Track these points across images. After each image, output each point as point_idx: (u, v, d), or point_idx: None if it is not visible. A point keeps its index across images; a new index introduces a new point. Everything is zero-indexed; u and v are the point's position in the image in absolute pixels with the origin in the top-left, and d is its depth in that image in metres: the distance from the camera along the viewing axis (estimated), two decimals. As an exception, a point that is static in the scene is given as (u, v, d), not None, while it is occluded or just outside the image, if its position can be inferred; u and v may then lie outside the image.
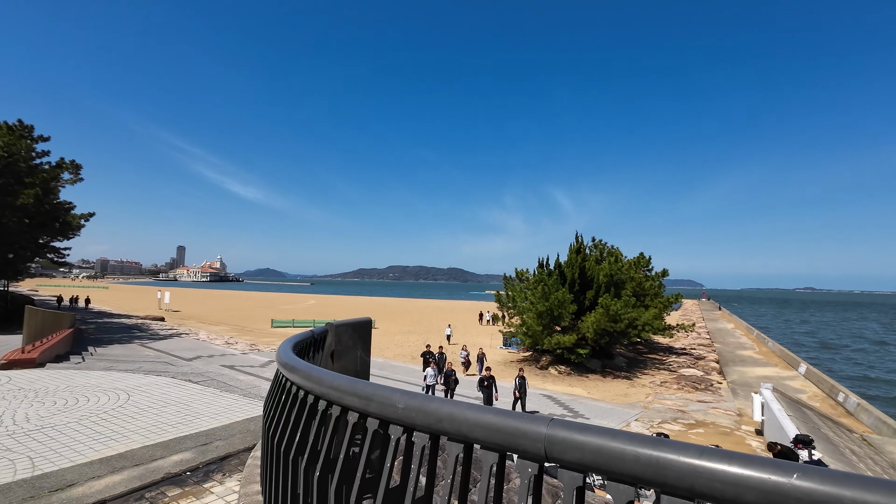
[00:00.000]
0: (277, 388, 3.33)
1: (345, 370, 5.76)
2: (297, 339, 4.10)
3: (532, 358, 25.56)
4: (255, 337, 30.67)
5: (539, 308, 22.92)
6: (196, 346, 22.61)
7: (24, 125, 28.79)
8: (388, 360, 23.63)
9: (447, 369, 15.35)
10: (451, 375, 15.07)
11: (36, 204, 26.08)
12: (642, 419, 14.79)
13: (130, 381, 8.59)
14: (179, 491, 4.03)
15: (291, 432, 2.75)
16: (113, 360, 13.59)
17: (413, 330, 39.56)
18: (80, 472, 4.31)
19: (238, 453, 4.86)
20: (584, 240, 26.47)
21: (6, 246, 27.21)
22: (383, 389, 2.15)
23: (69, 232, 32.39)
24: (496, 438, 1.63)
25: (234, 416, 6.36)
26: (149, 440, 5.22)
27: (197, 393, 7.79)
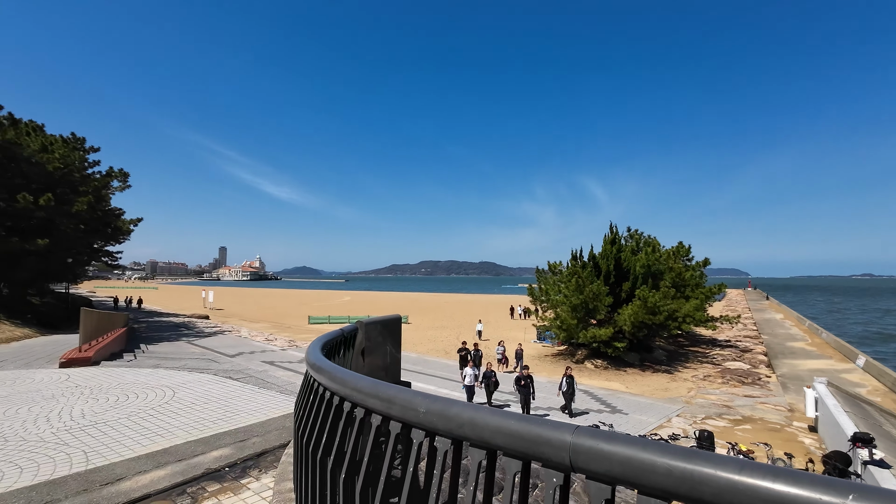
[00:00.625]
0: (306, 389, 3.37)
1: (375, 367, 5.81)
2: (327, 339, 4.14)
3: (567, 352, 25.13)
4: (293, 333, 31.62)
5: (573, 301, 22.48)
6: (238, 342, 23.53)
7: (77, 137, 30.66)
8: (421, 356, 23.82)
9: (486, 369, 14.88)
10: (491, 376, 14.54)
11: (89, 211, 27.76)
12: (684, 414, 14.26)
13: (176, 378, 9.01)
14: (218, 486, 4.17)
15: (319, 433, 2.77)
16: (161, 358, 14.32)
17: (445, 325, 39.71)
18: (128, 466, 4.53)
19: (273, 450, 4.98)
20: (618, 230, 25.73)
21: (65, 251, 29.12)
22: (405, 393, 2.11)
23: (120, 236, 34.34)
24: (518, 446, 1.56)
25: (270, 412, 6.54)
26: (191, 436, 5.44)
27: (237, 390, 8.07)
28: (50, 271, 30.01)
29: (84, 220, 28.19)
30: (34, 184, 25.61)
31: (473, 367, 15.27)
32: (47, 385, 8.31)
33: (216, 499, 3.94)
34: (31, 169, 25.80)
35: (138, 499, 3.90)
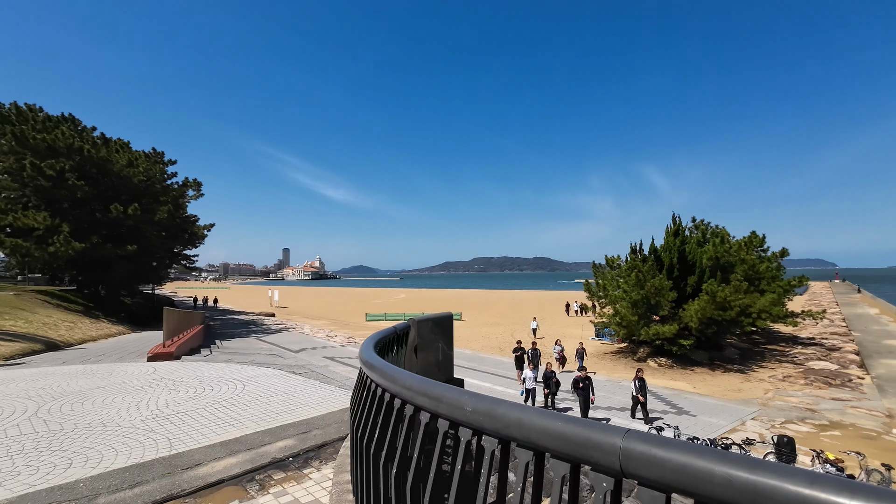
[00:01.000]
0: (360, 385, 3.49)
1: (428, 364, 5.89)
2: (380, 336, 4.25)
3: (628, 349, 24.12)
4: (351, 330, 32.81)
5: (633, 297, 21.51)
6: (301, 339, 24.80)
7: (157, 152, 33.61)
8: (476, 352, 23.85)
9: (546, 370, 14.21)
10: (551, 377, 13.81)
11: (169, 218, 30.39)
12: (760, 418, 13.21)
13: (246, 373, 9.66)
14: (283, 475, 4.43)
15: (371, 428, 2.85)
16: (233, 353, 15.41)
17: (499, 322, 39.46)
18: (205, 453, 4.93)
19: (333, 442, 5.21)
20: (682, 221, 24.26)
21: (150, 255, 32.10)
22: (452, 391, 2.13)
23: (196, 241, 37.30)
24: (566, 448, 1.51)
25: (330, 406, 6.84)
26: (259, 427, 5.81)
27: (299, 384, 8.51)
28: (138, 274, 33.25)
29: (165, 227, 30.91)
30: (123, 195, 28.43)
31: (533, 368, 14.65)
32: (137, 377, 9.22)
33: (281, 487, 4.18)
34: (121, 182, 28.65)
35: (214, 483, 4.23)
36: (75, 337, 17.98)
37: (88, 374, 9.55)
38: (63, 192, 26.58)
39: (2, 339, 14.33)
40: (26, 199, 27.76)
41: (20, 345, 14.03)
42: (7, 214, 25.70)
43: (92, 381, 8.73)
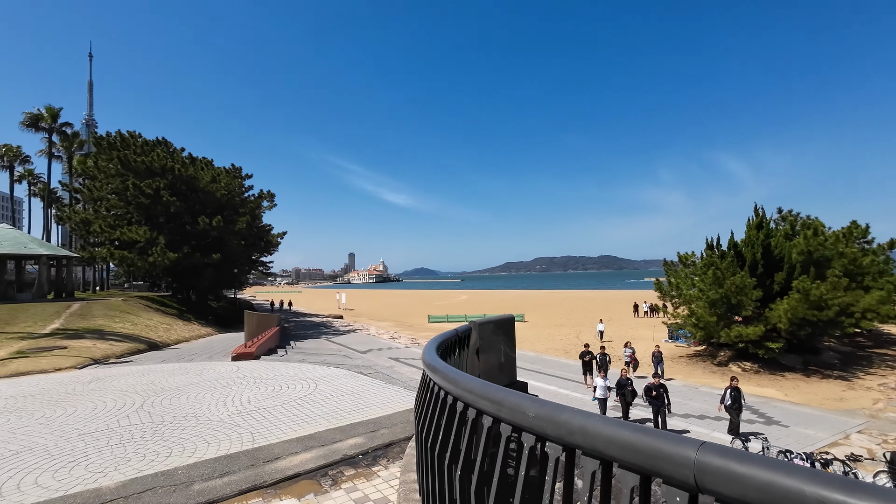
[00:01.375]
0: (423, 387, 3.56)
1: (490, 366, 5.88)
2: (442, 339, 4.31)
3: (706, 353, 22.44)
4: (414, 332, 33.51)
5: (711, 296, 19.99)
6: (367, 340, 25.74)
7: (236, 168, 36.50)
8: (539, 354, 23.39)
9: (621, 377, 12.89)
10: (626, 385, 12.53)
11: (247, 228, 32.88)
12: (869, 431, 11.72)
13: (318, 372, 10.21)
14: (354, 472, 4.63)
15: (435, 429, 2.90)
16: (306, 353, 16.34)
17: (563, 323, 38.38)
18: (283, 447, 5.28)
19: (399, 442, 5.36)
20: (765, 212, 22.18)
21: (232, 263, 34.90)
22: (514, 396, 2.11)
23: (271, 248, 40.01)
24: (634, 459, 1.45)
25: (396, 406, 7.04)
26: (331, 424, 6.12)
27: (367, 384, 8.85)
28: (222, 280, 36.28)
29: (244, 236, 33.49)
30: (208, 209, 31.21)
31: (604, 376, 13.43)
32: (224, 375, 10.07)
33: (352, 483, 4.37)
34: (206, 197, 31.48)
35: (291, 476, 4.52)
36: (172, 338, 20.00)
37: (183, 372, 10.58)
38: (159, 207, 29.72)
39: (114, 339, 16.30)
40: (130, 216, 31.37)
41: (128, 345, 15.87)
42: (115, 230, 29.22)
43: (186, 378, 9.67)
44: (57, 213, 37.01)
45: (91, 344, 14.84)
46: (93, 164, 32.72)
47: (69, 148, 42.69)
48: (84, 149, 42.82)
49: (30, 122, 40.78)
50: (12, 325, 16.85)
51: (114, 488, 4.29)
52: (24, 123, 40.73)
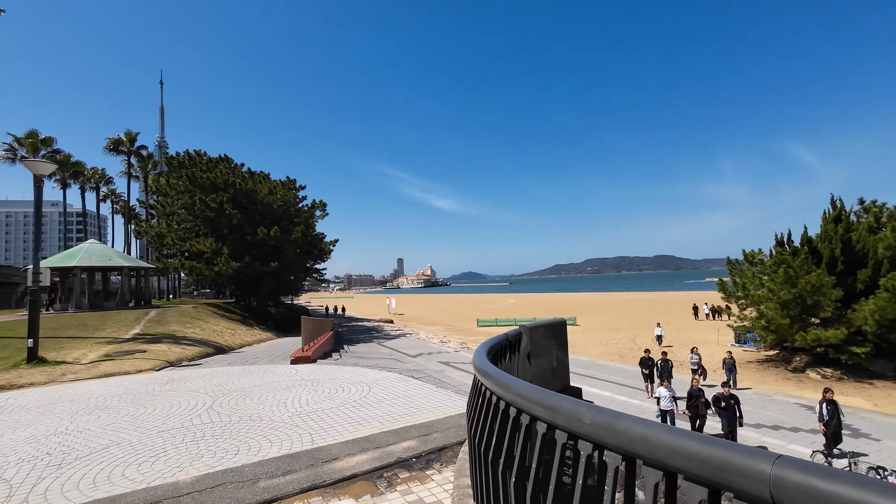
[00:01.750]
0: (475, 392, 3.56)
1: (542, 370, 5.77)
2: (492, 343, 4.29)
3: (779, 358, 20.78)
4: (464, 336, 33.52)
5: (783, 296, 18.51)
6: (417, 344, 26.07)
7: (290, 180, 38.33)
8: (593, 359, 22.65)
9: (693, 388, 11.65)
10: (698, 396, 11.29)
11: (302, 237, 34.37)
12: (980, 448, 10.34)
13: (370, 376, 10.46)
14: (408, 474, 4.70)
15: (488, 434, 2.89)
16: (359, 357, 16.80)
17: (618, 326, 36.95)
18: (340, 448, 5.45)
19: (452, 446, 5.37)
20: (843, 204, 20.27)
21: (288, 271, 36.59)
22: (568, 402, 2.07)
23: (324, 255, 41.57)
24: (701, 471, 1.37)
25: (447, 410, 7.07)
26: (385, 427, 6.25)
27: (418, 388, 8.96)
28: (280, 287, 38.14)
29: (299, 244, 35.05)
30: (266, 220, 32.97)
31: (669, 387, 12.25)
32: (283, 377, 10.57)
33: (406, 485, 4.44)
34: (264, 208, 33.29)
35: (349, 477, 4.65)
36: (236, 342, 21.27)
37: (247, 375, 11.21)
38: (223, 220, 31.80)
39: (186, 343, 17.59)
40: (197, 229, 33.78)
41: (198, 348, 17.05)
42: (185, 242, 31.57)
43: (250, 381, 10.24)
44: (135, 228, 40.60)
45: (166, 348, 16.09)
46: (165, 181, 35.63)
47: (145, 168, 46.77)
48: (157, 168, 46.72)
49: (112, 146, 45.09)
50: (101, 331, 18.62)
51: (189, 482, 4.61)
52: (107, 148, 45.10)
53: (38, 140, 36.17)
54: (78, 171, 44.22)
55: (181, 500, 4.24)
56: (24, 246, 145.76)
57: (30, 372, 11.58)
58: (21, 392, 9.87)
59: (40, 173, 13.53)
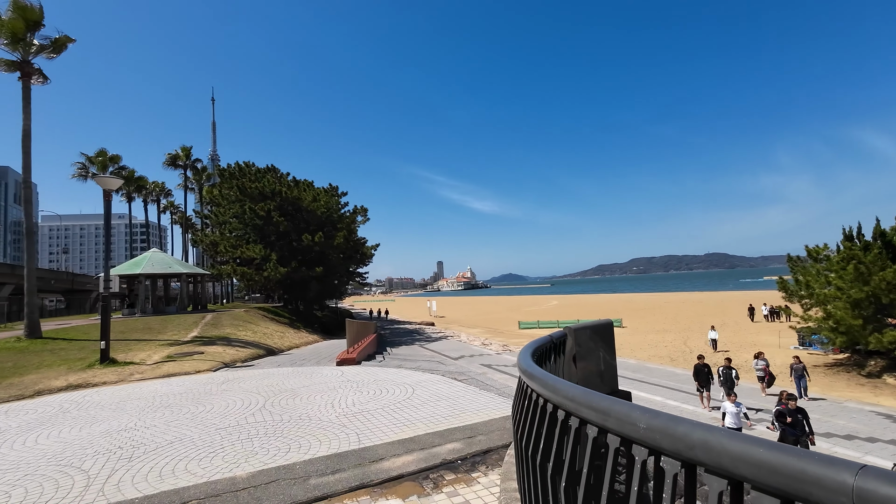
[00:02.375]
0: (520, 394, 3.51)
1: (589, 373, 5.61)
2: (537, 345, 4.22)
3: (850, 361, 19.19)
4: (505, 338, 33.20)
5: (853, 294, 17.10)
6: (459, 346, 26.06)
7: (333, 186, 39.45)
8: (641, 362, 21.79)
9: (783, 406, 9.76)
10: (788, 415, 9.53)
11: (345, 243, 35.27)
12: None
13: (414, 378, 10.57)
14: (453, 476, 4.70)
15: (536, 437, 2.84)
16: (402, 359, 17.02)
17: (668, 328, 35.38)
18: (386, 449, 5.54)
19: (497, 449, 5.32)
20: (923, 193, 18.47)
21: (332, 275, 37.65)
22: (621, 405, 1.99)
23: (366, 260, 42.45)
24: (772, 480, 1.28)
25: (491, 413, 7.02)
26: (429, 429, 6.28)
27: (461, 390, 8.95)
28: (325, 291, 39.29)
29: (342, 250, 35.99)
30: (311, 226, 34.11)
31: (735, 399, 10.70)
32: (330, 379, 10.87)
33: (452, 487, 4.44)
34: (309, 215, 34.47)
35: (395, 477, 4.71)
36: (285, 344, 22.11)
37: (296, 376, 11.62)
38: (271, 227, 33.21)
39: (239, 345, 18.49)
40: (248, 236, 35.45)
41: (250, 350, 17.87)
42: (237, 249, 33.22)
43: (299, 382, 10.61)
44: (192, 237, 43.21)
45: (222, 349, 16.96)
46: (217, 192, 37.70)
47: (199, 180, 49.69)
48: (211, 180, 49.48)
49: (170, 161, 48.26)
50: (163, 334, 19.91)
51: (245, 478, 4.83)
52: (165, 163, 48.32)
53: (106, 158, 39.25)
54: (141, 185, 47.58)
55: (239, 494, 4.45)
56: (96, 256, 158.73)
57: (102, 371, 12.55)
58: (96, 390, 10.70)
59: (109, 188, 14.66)
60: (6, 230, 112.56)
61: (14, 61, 18.40)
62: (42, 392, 10.50)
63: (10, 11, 17.78)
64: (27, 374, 12.22)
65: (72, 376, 11.94)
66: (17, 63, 18.41)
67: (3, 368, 12.98)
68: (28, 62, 18.56)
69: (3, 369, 12.87)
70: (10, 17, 17.80)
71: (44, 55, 19.01)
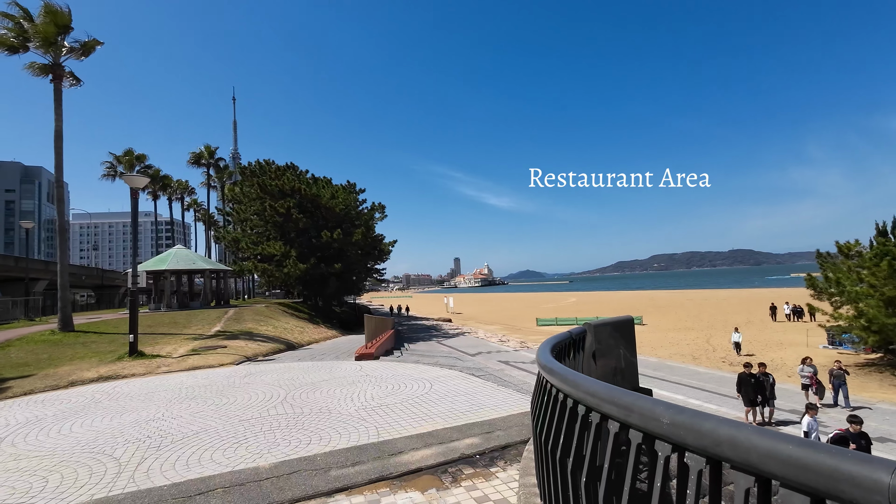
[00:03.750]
0: (539, 389, 3.49)
1: (609, 371, 5.54)
2: (556, 341, 4.19)
3: (884, 361, 18.50)
4: (523, 335, 33.06)
5: (887, 292, 16.47)
6: (476, 343, 26.07)
7: (351, 183, 39.80)
8: (662, 360, 21.44)
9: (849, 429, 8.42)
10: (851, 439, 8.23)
11: (363, 239, 35.57)
12: None
13: (432, 373, 10.62)
14: (472, 471, 4.71)
15: (556, 433, 2.83)
16: (419, 355, 17.12)
17: (691, 326, 34.69)
18: (405, 443, 5.59)
19: (515, 444, 5.32)
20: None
21: (351, 271, 38.04)
22: (644, 400, 1.97)
23: (384, 256, 42.74)
24: (802, 478, 1.25)
25: (510, 409, 7.01)
26: (447, 424, 6.31)
27: (479, 386, 8.96)
28: (344, 287, 39.74)
29: (360, 246, 36.32)
30: (329, 223, 34.51)
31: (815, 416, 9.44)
32: (349, 373, 11.01)
33: (471, 482, 4.45)
34: (327, 212, 34.85)
35: (414, 470, 4.75)
36: (304, 339, 22.47)
37: (316, 370, 11.80)
38: (290, 224, 33.72)
39: (261, 340, 18.87)
40: (268, 233, 36.08)
41: (271, 345, 18.23)
42: (258, 246, 33.86)
43: (318, 376, 10.77)
44: (214, 234, 44.19)
45: (244, 344, 17.35)
46: (239, 190, 38.45)
47: (221, 178, 50.73)
48: (232, 178, 50.48)
49: (193, 159, 49.38)
50: (188, 328, 20.46)
51: (268, 468, 4.94)
52: (189, 161, 49.47)
53: (133, 157, 40.41)
54: (166, 184, 48.84)
55: (262, 483, 4.55)
56: (124, 252, 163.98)
57: (131, 364, 12.98)
58: (125, 381, 11.08)
59: (136, 186, 15.10)
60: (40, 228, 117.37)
61: (46, 64, 19.06)
62: (75, 383, 10.92)
63: (42, 16, 18.41)
64: (61, 366, 12.73)
65: (103, 368, 12.39)
66: (48, 66, 19.07)
67: (39, 360, 13.54)
68: (59, 65, 19.20)
69: (39, 361, 13.43)
70: (41, 21, 18.45)
71: (73, 58, 19.64)
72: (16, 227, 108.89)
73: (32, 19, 18.51)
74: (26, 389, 10.26)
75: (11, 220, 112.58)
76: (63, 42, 19.16)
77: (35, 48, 18.79)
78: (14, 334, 18.13)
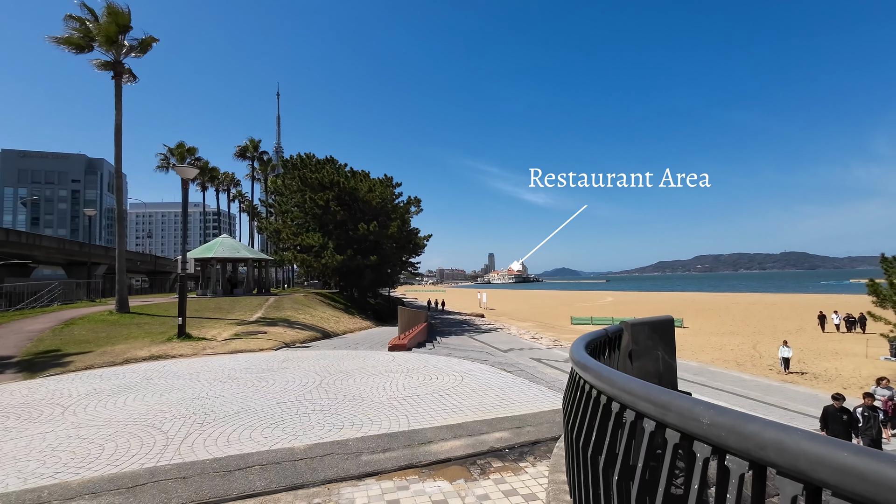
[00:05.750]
0: (572, 385, 3.43)
1: (644, 372, 5.37)
2: (591, 338, 4.10)
3: (953, 377, 16.95)
4: (557, 333, 32.56)
5: (960, 302, 15.07)
6: (509, 339, 25.90)
7: (388, 177, 40.29)
8: (704, 365, 20.57)
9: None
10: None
11: (398, 232, 35.99)
12: None
13: (463, 367, 10.65)
14: (501, 464, 4.70)
15: (588, 429, 2.77)
16: (451, 349, 17.19)
17: (736, 330, 33.07)
18: (434, 433, 5.63)
19: (545, 441, 5.25)
20: None
21: (386, 264, 38.60)
22: (683, 399, 1.89)
23: (418, 250, 43.11)
24: (857, 487, 1.16)
25: (541, 405, 6.93)
26: (477, 417, 6.31)
27: (510, 381, 8.90)
28: (379, 279, 40.40)
29: (396, 239, 36.78)
30: (366, 216, 35.11)
31: None
32: (382, 363, 11.22)
33: (500, 475, 4.44)
34: (364, 205, 35.48)
35: (443, 460, 4.79)
36: (340, 328, 23.06)
37: (350, 358, 12.09)
38: (329, 216, 34.57)
39: (299, 327, 19.53)
40: (308, 224, 37.14)
41: (309, 333, 18.83)
42: (298, 237, 34.92)
43: (353, 364, 11.03)
44: (258, 225, 45.96)
45: (283, 330, 17.99)
46: (281, 183, 39.73)
47: (265, 171, 52.62)
48: (275, 171, 52.26)
49: (239, 153, 51.47)
50: (231, 314, 21.44)
51: (303, 449, 5.11)
52: (235, 155, 51.60)
53: (184, 149, 42.55)
54: (213, 176, 51.17)
55: (297, 464, 4.72)
56: (175, 240, 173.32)
57: (179, 345, 13.74)
58: (174, 361, 11.75)
59: (187, 177, 15.90)
60: (101, 216, 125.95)
61: (108, 62, 20.33)
62: (129, 360, 11.69)
63: (105, 16, 19.62)
64: (118, 344, 13.65)
65: (154, 348, 13.19)
66: (110, 63, 20.33)
67: (98, 338, 14.57)
68: (119, 62, 20.43)
69: (98, 339, 14.46)
70: (104, 21, 19.66)
71: (132, 55, 20.84)
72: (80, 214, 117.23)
73: (98, 19, 19.77)
74: (87, 364, 11.07)
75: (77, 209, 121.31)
76: (123, 41, 20.36)
77: (98, 47, 20.07)
78: (77, 313, 19.58)
